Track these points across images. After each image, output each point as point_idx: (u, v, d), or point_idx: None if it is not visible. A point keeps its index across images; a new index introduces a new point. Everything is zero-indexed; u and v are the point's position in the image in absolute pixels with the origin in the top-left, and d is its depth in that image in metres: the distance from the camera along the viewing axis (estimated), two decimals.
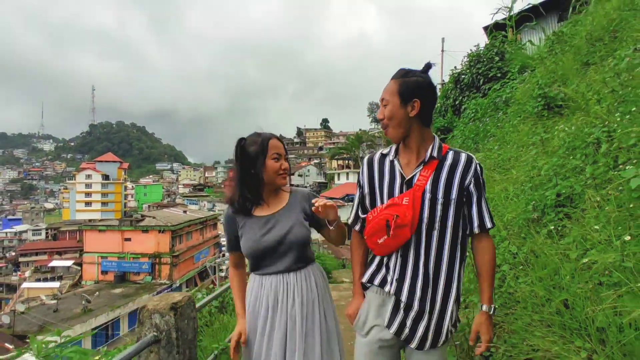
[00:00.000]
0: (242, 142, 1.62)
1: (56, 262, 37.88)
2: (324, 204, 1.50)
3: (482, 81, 8.48)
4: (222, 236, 41.63)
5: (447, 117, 9.42)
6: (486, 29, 11.38)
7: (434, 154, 1.40)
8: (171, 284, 28.67)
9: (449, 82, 10.13)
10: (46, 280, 35.55)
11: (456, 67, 10.03)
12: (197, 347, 2.14)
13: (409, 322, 1.40)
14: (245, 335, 1.58)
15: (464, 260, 1.46)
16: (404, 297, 1.39)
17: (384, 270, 1.46)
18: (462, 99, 9.06)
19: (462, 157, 1.41)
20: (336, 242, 1.74)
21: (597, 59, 4.22)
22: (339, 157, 51.65)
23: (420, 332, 1.39)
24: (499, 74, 8.06)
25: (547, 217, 2.44)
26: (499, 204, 3.33)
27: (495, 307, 1.43)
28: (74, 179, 61.35)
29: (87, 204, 57.88)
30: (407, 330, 1.40)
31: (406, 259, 1.40)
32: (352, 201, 1.64)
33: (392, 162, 1.47)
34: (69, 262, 36.75)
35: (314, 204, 1.51)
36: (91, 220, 44.71)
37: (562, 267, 1.88)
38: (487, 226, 1.41)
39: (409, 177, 1.41)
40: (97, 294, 26.52)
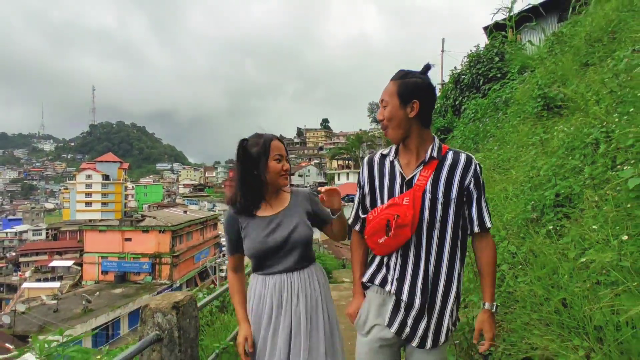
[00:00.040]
0: (244, 143, 1.62)
1: (56, 262, 37.89)
2: (328, 188, 1.59)
3: (482, 81, 8.49)
4: (223, 236, 41.67)
5: (447, 118, 9.43)
6: (486, 29, 11.39)
7: (433, 154, 1.41)
8: (171, 284, 28.68)
9: (449, 83, 10.14)
10: (46, 280, 35.55)
11: (456, 67, 10.05)
12: (199, 346, 2.15)
13: (409, 321, 1.41)
14: (251, 339, 1.59)
15: (464, 259, 1.47)
16: (404, 297, 1.39)
17: (384, 269, 1.46)
18: (462, 99, 9.07)
19: (462, 157, 1.42)
20: (339, 236, 1.74)
21: (596, 60, 4.23)
22: (339, 157, 51.64)
23: (421, 331, 1.40)
24: (499, 75, 8.08)
25: (546, 217, 2.45)
26: (499, 204, 3.34)
27: (497, 304, 1.43)
28: (74, 179, 61.38)
29: (88, 204, 57.91)
30: (407, 329, 1.41)
31: (406, 258, 1.40)
32: (352, 201, 1.64)
33: (392, 163, 1.47)
34: (70, 262, 36.75)
35: (321, 193, 1.61)
36: (91, 220, 44.75)
37: (560, 267, 1.89)
38: (486, 225, 1.42)
39: (409, 177, 1.41)
40: (97, 294, 26.55)
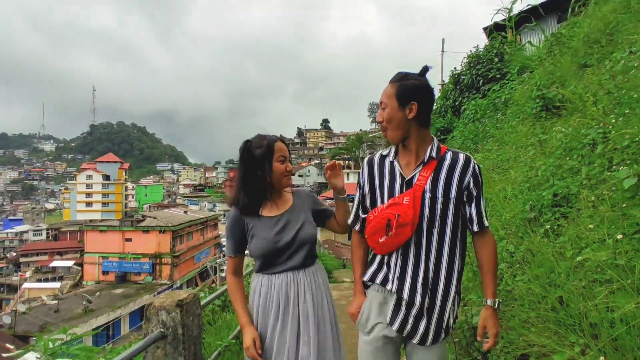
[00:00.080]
0: (247, 144, 1.64)
1: (57, 263, 37.94)
2: (333, 162, 1.69)
3: (481, 82, 8.53)
4: (223, 236, 41.54)
5: (447, 118, 9.46)
6: (486, 29, 11.42)
7: (432, 154, 1.43)
8: (172, 284, 28.71)
9: (449, 83, 10.16)
10: (47, 280, 35.61)
11: (456, 68, 10.07)
12: (201, 344, 2.19)
13: (410, 319, 1.43)
14: (258, 341, 1.59)
15: (463, 257, 1.49)
16: (405, 295, 1.41)
17: (385, 268, 1.48)
18: (462, 100, 9.10)
19: (461, 157, 1.44)
20: (343, 224, 1.77)
21: (594, 61, 4.26)
22: (340, 157, 51.60)
23: (422, 329, 1.42)
24: (499, 75, 8.11)
25: (544, 216, 2.48)
26: (498, 204, 3.36)
27: (499, 301, 1.44)
28: (75, 180, 61.47)
29: (88, 204, 57.96)
30: (409, 326, 1.43)
31: (407, 257, 1.42)
32: (352, 201, 1.67)
33: (392, 163, 1.50)
34: (70, 263, 36.80)
35: (327, 167, 1.71)
36: (92, 220, 44.74)
37: (557, 265, 1.93)
38: (485, 224, 1.45)
39: (409, 177, 1.44)
40: (97, 294, 26.59)
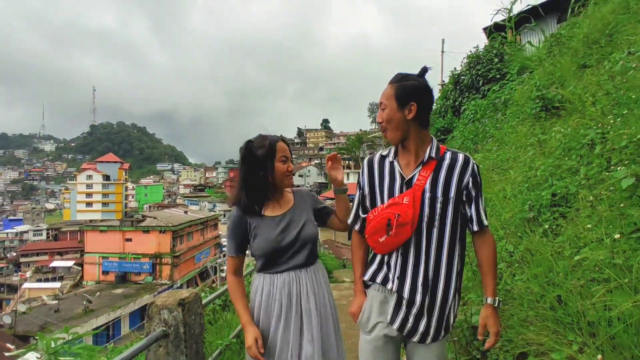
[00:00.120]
0: (249, 144, 1.65)
1: (57, 263, 37.97)
2: (334, 153, 1.72)
3: (481, 82, 8.54)
4: (223, 237, 41.66)
5: (447, 118, 9.46)
6: (486, 30, 11.43)
7: (432, 154, 1.45)
8: (172, 284, 28.73)
9: (449, 83, 10.18)
10: (47, 280, 35.64)
11: (456, 68, 10.09)
12: (203, 342, 2.20)
13: (411, 318, 1.44)
14: (261, 340, 1.59)
15: (463, 256, 1.50)
16: (406, 294, 1.43)
17: (385, 268, 1.49)
18: (462, 100, 9.11)
19: (460, 157, 1.46)
20: (343, 221, 1.78)
21: (593, 62, 4.27)
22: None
23: (422, 327, 1.44)
24: (498, 76, 8.12)
25: (543, 216, 2.49)
26: (497, 204, 3.38)
27: (499, 299, 1.45)
28: (75, 180, 61.48)
29: (88, 204, 57.96)
30: (409, 325, 1.44)
31: (407, 256, 1.44)
32: (352, 201, 1.68)
33: (391, 163, 1.51)
34: (70, 263, 36.83)
35: (328, 157, 1.75)
36: (92, 220, 44.78)
37: (556, 265, 1.94)
38: (484, 223, 1.46)
39: (409, 177, 1.45)
40: (98, 294, 26.61)
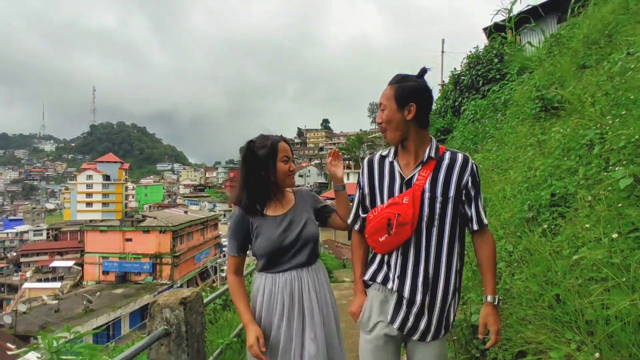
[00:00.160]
0: (251, 144, 1.65)
1: (57, 263, 37.99)
2: (335, 150, 1.80)
3: (481, 82, 8.55)
4: (223, 236, 41.69)
5: (447, 118, 9.47)
6: (486, 30, 11.44)
7: (431, 154, 1.46)
8: (172, 284, 28.74)
9: (449, 84, 10.19)
10: (47, 280, 35.67)
11: (456, 68, 10.10)
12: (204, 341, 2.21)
13: (411, 317, 1.45)
14: (262, 339, 1.58)
15: (462, 255, 1.52)
16: (406, 293, 1.43)
17: (385, 268, 1.50)
18: (462, 100, 9.12)
19: (459, 157, 1.47)
20: (344, 219, 1.79)
21: (593, 62, 4.29)
22: None
23: (422, 326, 1.45)
24: (498, 76, 8.13)
25: (542, 216, 2.51)
26: (497, 204, 3.39)
27: (499, 298, 1.45)
28: (75, 180, 61.48)
29: (88, 204, 57.97)
30: (409, 324, 1.46)
31: (407, 256, 1.45)
32: (352, 201, 1.69)
33: (391, 163, 1.52)
34: (70, 263, 36.86)
35: (329, 155, 1.81)
36: (92, 220, 44.82)
37: (554, 264, 1.96)
38: (484, 222, 1.48)
39: (409, 177, 1.46)
40: (98, 294, 26.63)
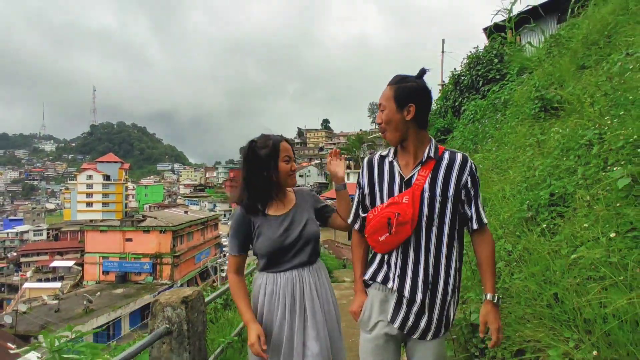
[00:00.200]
0: (252, 144, 1.67)
1: (57, 263, 38.02)
2: (336, 150, 1.85)
3: (481, 83, 8.56)
4: (223, 236, 41.70)
5: (447, 118, 9.49)
6: (486, 30, 11.46)
7: (430, 154, 1.47)
8: (172, 284, 28.75)
9: (449, 84, 10.20)
10: (47, 280, 35.69)
11: (456, 68, 10.12)
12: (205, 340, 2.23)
13: (412, 317, 1.46)
14: (263, 337, 1.58)
15: (461, 254, 1.53)
16: (406, 293, 1.44)
17: (385, 267, 1.51)
18: (462, 100, 9.14)
19: (458, 157, 1.48)
20: (344, 219, 1.80)
21: (592, 63, 4.30)
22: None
23: (423, 325, 1.46)
24: (498, 76, 8.14)
25: (541, 216, 2.52)
26: (496, 204, 3.41)
27: (499, 296, 1.46)
28: (75, 180, 61.51)
29: (89, 204, 57.98)
30: (410, 323, 1.47)
31: (407, 255, 1.46)
32: (352, 201, 1.71)
33: (391, 163, 1.53)
34: (70, 263, 36.89)
35: (330, 154, 1.84)
36: (92, 220, 44.84)
37: (553, 263, 1.97)
38: (484, 221, 1.49)
39: (408, 177, 1.47)
40: (98, 294, 26.65)
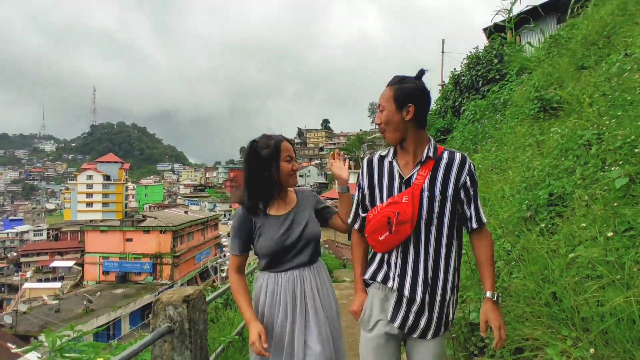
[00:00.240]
0: (253, 144, 1.67)
1: (57, 263, 38.01)
2: (337, 151, 1.83)
3: (481, 83, 8.58)
4: (223, 237, 41.70)
5: (446, 119, 9.51)
6: (486, 30, 11.48)
7: (429, 154, 1.48)
8: (172, 284, 28.76)
9: (449, 84, 10.22)
10: (47, 280, 35.68)
11: (456, 68, 10.14)
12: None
13: (411, 316, 1.47)
14: (264, 335, 1.57)
15: (460, 252, 1.54)
16: (406, 292, 1.46)
17: (385, 267, 1.52)
18: (462, 101, 9.16)
19: (457, 157, 1.50)
20: (344, 220, 1.80)
21: (591, 63, 4.31)
22: None
23: (423, 324, 1.47)
24: (498, 76, 8.16)
25: (540, 215, 2.53)
26: (496, 204, 3.42)
27: (498, 294, 1.46)
28: (75, 180, 61.48)
29: (89, 204, 57.97)
30: (410, 322, 1.48)
31: (406, 254, 1.47)
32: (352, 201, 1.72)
33: (390, 163, 1.54)
34: (71, 263, 36.89)
35: (331, 156, 1.82)
36: (92, 220, 44.87)
37: (551, 262, 1.98)
38: (483, 220, 1.50)
39: (408, 176, 1.48)
40: (98, 294, 26.67)
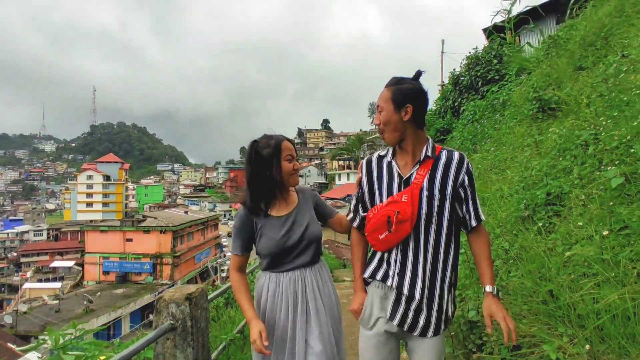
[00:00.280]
0: (254, 144, 1.69)
1: (58, 263, 38.05)
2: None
3: (480, 83, 8.61)
4: (224, 237, 41.73)
5: (446, 119, 9.54)
6: (485, 30, 11.51)
7: (428, 153, 1.51)
8: (172, 284, 28.80)
9: (449, 84, 10.26)
10: (48, 280, 35.72)
11: (455, 69, 10.18)
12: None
13: (410, 314, 1.49)
14: (265, 333, 1.57)
15: (458, 250, 1.57)
16: (405, 290, 1.48)
17: (385, 265, 1.54)
18: (461, 101, 9.18)
19: (455, 156, 1.52)
20: (344, 226, 1.82)
21: (589, 64, 4.34)
22: (340, 157, 51.68)
23: (422, 321, 1.49)
24: (497, 77, 8.19)
25: (538, 215, 2.56)
26: (494, 203, 3.45)
27: (498, 289, 1.48)
28: (75, 180, 61.56)
29: (89, 204, 58.06)
30: (409, 320, 1.50)
31: (406, 253, 1.49)
32: (351, 201, 1.75)
33: (389, 163, 1.57)
34: (71, 263, 36.93)
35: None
36: (92, 220, 44.95)
37: (548, 261, 2.02)
38: (481, 218, 1.53)
39: (407, 176, 1.51)
40: (98, 294, 26.71)
